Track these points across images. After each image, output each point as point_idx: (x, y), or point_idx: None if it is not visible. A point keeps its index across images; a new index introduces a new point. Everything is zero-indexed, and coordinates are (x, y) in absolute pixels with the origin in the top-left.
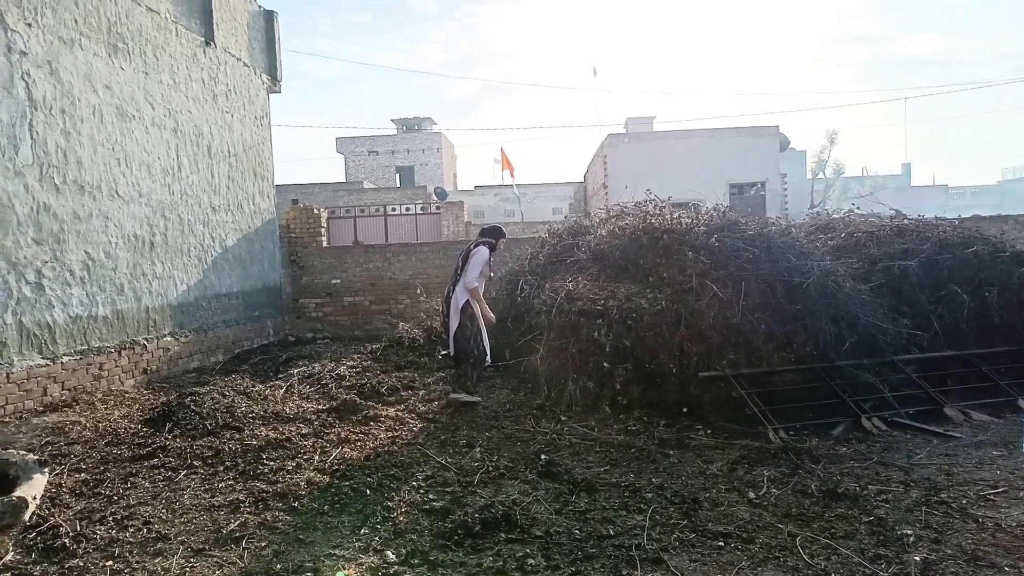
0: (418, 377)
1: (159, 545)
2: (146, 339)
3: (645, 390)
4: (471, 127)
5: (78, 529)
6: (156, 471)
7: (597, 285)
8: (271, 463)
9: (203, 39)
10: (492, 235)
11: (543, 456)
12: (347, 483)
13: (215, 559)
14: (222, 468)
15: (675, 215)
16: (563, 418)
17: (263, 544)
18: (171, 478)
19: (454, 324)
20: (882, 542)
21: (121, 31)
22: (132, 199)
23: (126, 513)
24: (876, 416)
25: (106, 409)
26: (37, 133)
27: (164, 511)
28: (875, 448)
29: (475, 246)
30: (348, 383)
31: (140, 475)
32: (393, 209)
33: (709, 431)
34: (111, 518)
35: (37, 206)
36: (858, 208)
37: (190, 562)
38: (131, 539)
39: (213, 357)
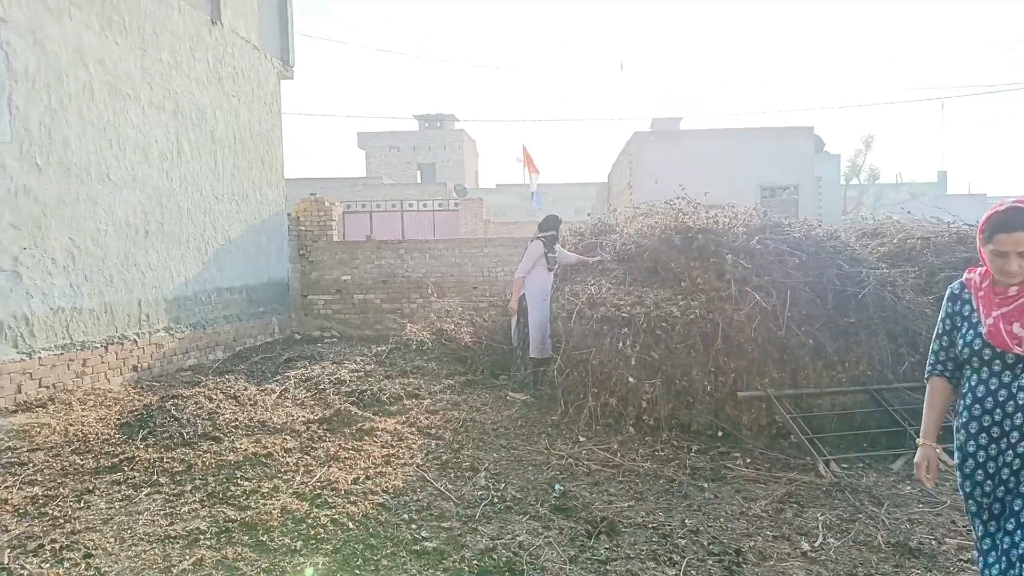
0: (424, 384)
1: None
2: (137, 334)
3: (675, 409)
4: (493, 119)
5: (5, 562)
6: (116, 487)
7: (622, 289)
8: (245, 483)
9: (209, 18)
10: (547, 227)
11: (557, 486)
12: (327, 512)
13: None
14: (190, 487)
15: (711, 214)
16: (581, 438)
17: None
18: (131, 497)
19: (513, 318)
20: None
21: (116, 3)
22: (125, 184)
23: (68, 541)
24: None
25: (83, 410)
26: (17, 108)
27: (112, 540)
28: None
29: (531, 241)
30: (347, 389)
31: (98, 492)
32: (410, 205)
33: (749, 460)
34: (49, 547)
35: (16, 187)
36: (899, 214)
37: None
38: None
39: (212, 354)
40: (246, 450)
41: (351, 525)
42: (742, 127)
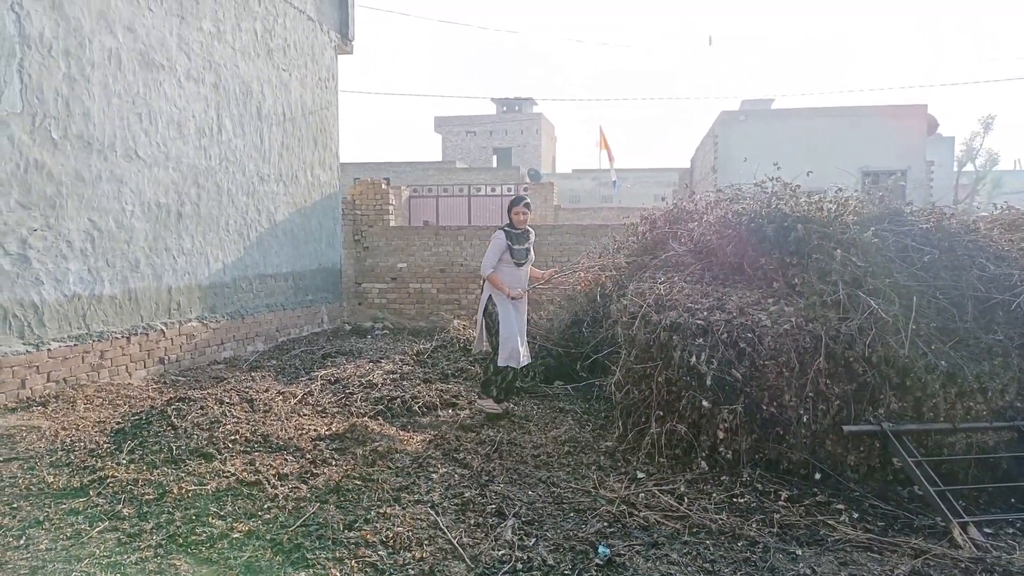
0: (464, 392)
1: None
2: (165, 324)
3: (759, 442)
4: (570, 98)
5: None
6: (71, 519)
7: (699, 289)
8: (216, 523)
9: None
10: (509, 210)
11: (602, 549)
12: (301, 575)
13: None
14: (152, 525)
15: (814, 198)
16: (639, 474)
17: None
18: (80, 535)
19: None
20: None
21: None
22: (156, 162)
23: None
24: None
25: (85, 410)
26: (29, 76)
27: None
28: None
29: (496, 230)
30: (377, 395)
31: (47, 524)
32: (478, 190)
33: (856, 515)
34: None
35: (25, 163)
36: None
37: None
38: None
39: (251, 346)
40: (234, 475)
41: None
42: (843, 106)
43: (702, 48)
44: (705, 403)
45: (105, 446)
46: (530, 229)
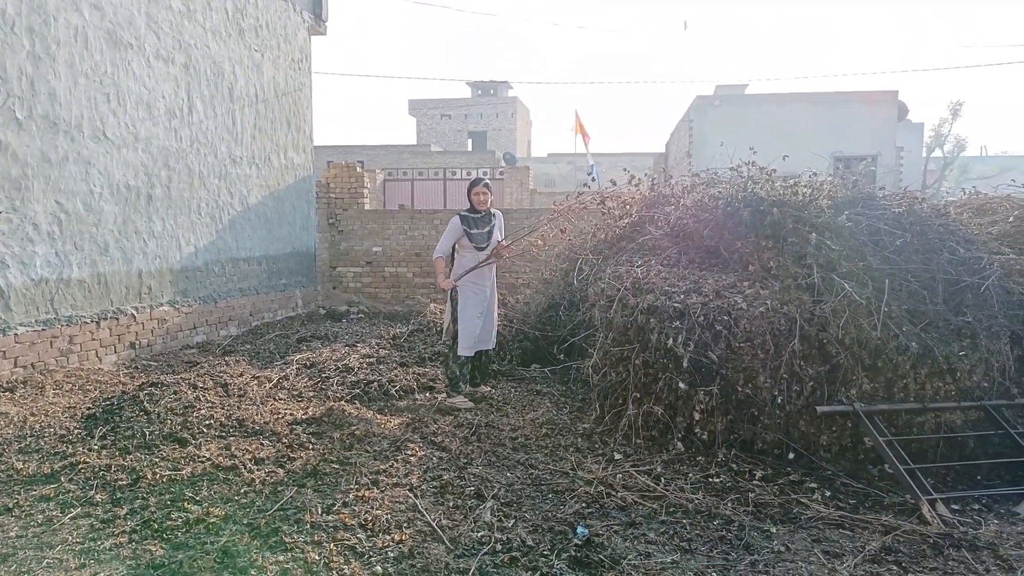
0: (441, 375)
1: None
2: (136, 308)
3: (734, 423)
4: (546, 80)
5: None
6: (43, 505)
7: (675, 273)
8: (192, 508)
9: None
10: (469, 191)
11: (580, 529)
12: (279, 559)
13: None
14: (126, 510)
15: (789, 183)
16: (617, 455)
17: None
18: (52, 521)
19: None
20: None
21: None
22: (125, 143)
23: None
24: None
25: (55, 396)
26: None
27: None
28: None
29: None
30: (354, 379)
31: (18, 511)
32: (453, 173)
33: (828, 494)
34: None
35: None
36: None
37: None
38: None
39: (224, 330)
40: (210, 459)
41: None
42: (815, 91)
43: (678, 33)
44: (682, 385)
45: (76, 432)
46: (494, 212)
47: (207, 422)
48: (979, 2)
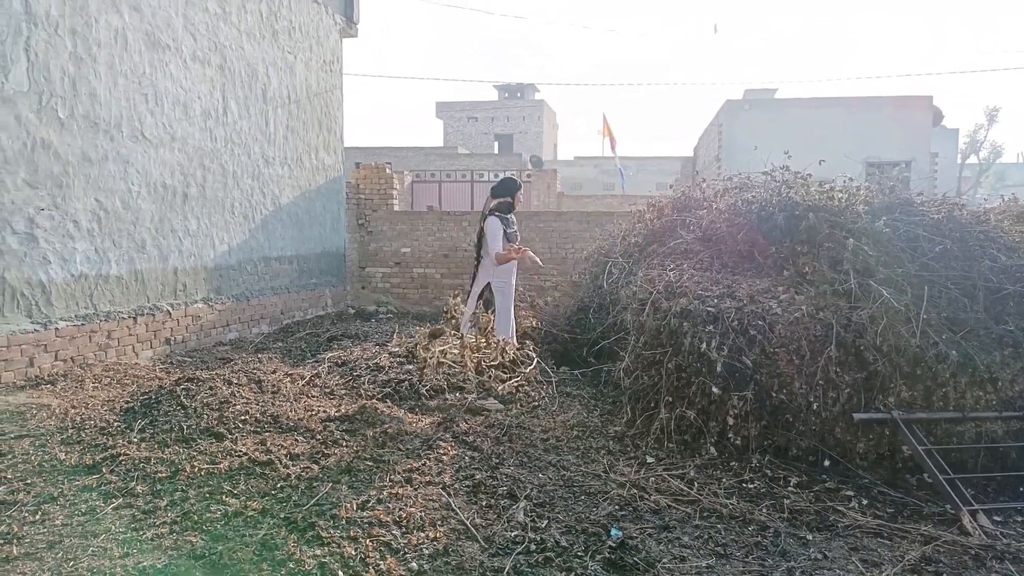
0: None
1: None
2: (171, 305)
3: (768, 429)
4: (574, 82)
5: None
6: (85, 495)
7: (708, 277)
8: (230, 501)
9: None
10: (504, 192)
11: (615, 531)
12: (316, 553)
13: None
14: (166, 502)
15: (825, 187)
16: (649, 459)
17: None
18: (95, 511)
19: (469, 309)
20: None
21: None
22: (162, 143)
23: None
24: None
25: (94, 389)
26: (36, 54)
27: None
28: None
29: (485, 219)
30: (385, 377)
31: (62, 500)
32: (480, 175)
33: (865, 502)
34: None
35: (32, 142)
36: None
37: None
38: None
39: (256, 328)
40: (246, 454)
41: (340, 575)
42: (848, 96)
43: (707, 36)
44: (715, 389)
45: (115, 424)
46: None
47: (242, 417)
48: (1009, 4)
